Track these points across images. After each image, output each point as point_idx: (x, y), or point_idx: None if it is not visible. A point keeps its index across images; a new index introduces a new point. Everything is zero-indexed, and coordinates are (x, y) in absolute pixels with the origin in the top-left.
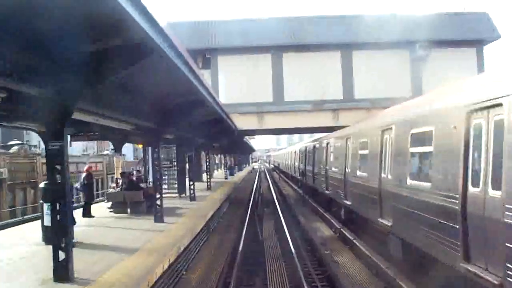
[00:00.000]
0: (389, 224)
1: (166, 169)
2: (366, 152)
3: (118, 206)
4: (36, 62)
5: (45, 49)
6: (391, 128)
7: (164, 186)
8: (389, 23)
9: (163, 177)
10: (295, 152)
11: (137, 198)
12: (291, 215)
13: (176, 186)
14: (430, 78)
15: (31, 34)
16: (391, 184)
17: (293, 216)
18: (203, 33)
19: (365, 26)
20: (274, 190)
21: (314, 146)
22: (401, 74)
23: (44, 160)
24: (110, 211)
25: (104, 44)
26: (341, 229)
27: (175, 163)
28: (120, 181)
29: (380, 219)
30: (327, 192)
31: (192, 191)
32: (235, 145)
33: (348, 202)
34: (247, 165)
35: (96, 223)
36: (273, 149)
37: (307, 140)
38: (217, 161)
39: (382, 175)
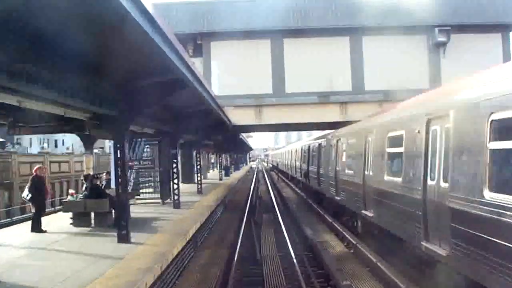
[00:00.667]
0: (444, 253)
1: (146, 170)
2: (399, 150)
3: (79, 218)
4: None
5: None
6: (444, 116)
7: (149, 190)
8: (404, 6)
9: (149, 179)
10: (295, 151)
11: (102, 208)
12: (293, 224)
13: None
14: (450, 67)
15: None
16: (454, 196)
17: (297, 225)
18: (194, 15)
19: (377, 8)
20: (273, 192)
21: (320, 144)
22: (418, 62)
23: (23, 159)
24: (71, 224)
25: None
26: (357, 245)
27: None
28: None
29: (426, 244)
30: (337, 198)
31: (176, 197)
32: (230, 143)
33: (369, 214)
34: (245, 164)
35: (43, 243)
36: (271, 148)
37: (308, 138)
38: (213, 161)
39: (431, 182)
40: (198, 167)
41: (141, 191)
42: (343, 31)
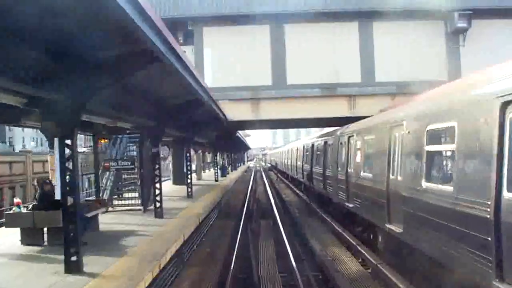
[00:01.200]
0: None
1: (126, 171)
2: (450, 147)
3: (29, 234)
4: None
5: None
6: None
7: (134, 195)
8: None
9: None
10: (297, 150)
11: (55, 222)
12: (296, 233)
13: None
14: (471, 56)
15: None
16: None
17: (300, 235)
18: None
19: None
20: (272, 194)
21: (326, 142)
22: (435, 51)
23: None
24: (20, 240)
25: None
26: (379, 266)
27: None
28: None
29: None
30: (348, 204)
31: (158, 204)
32: (227, 141)
33: (395, 228)
34: (242, 164)
35: None
36: (268, 148)
37: (309, 136)
38: (209, 160)
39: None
40: (188, 167)
41: (125, 195)
42: (352, 15)
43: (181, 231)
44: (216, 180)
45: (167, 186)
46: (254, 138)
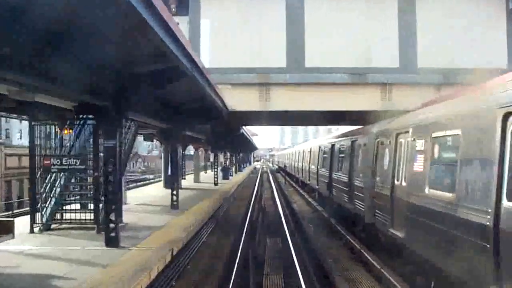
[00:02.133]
0: None
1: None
2: None
3: None
4: None
5: None
6: None
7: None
8: None
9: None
10: (310, 151)
11: None
12: (315, 264)
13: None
14: None
15: None
16: None
17: (320, 268)
18: None
19: None
20: (281, 203)
21: (354, 142)
22: (492, 33)
23: None
24: None
25: None
26: None
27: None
28: None
29: None
30: (396, 233)
31: (112, 225)
32: (229, 138)
33: None
34: (248, 164)
35: None
36: (276, 149)
37: (327, 136)
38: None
39: None
40: (174, 167)
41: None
42: None
43: (140, 273)
44: (216, 184)
45: (155, 190)
46: (261, 138)
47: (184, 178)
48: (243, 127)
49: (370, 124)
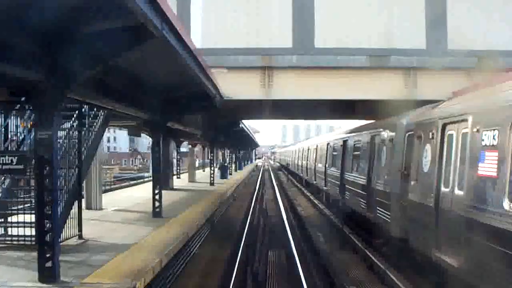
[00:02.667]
0: None
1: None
2: None
3: None
4: None
5: None
6: None
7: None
8: None
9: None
10: (316, 148)
11: None
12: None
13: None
14: None
15: None
16: None
17: None
18: None
19: None
20: (284, 205)
21: (374, 138)
22: None
23: None
24: None
25: None
26: None
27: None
28: None
29: None
30: (445, 258)
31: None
32: (226, 133)
33: None
34: (249, 162)
35: None
36: (278, 146)
37: (339, 130)
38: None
39: None
40: (155, 166)
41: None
42: None
43: None
44: (212, 184)
45: (144, 191)
46: (263, 135)
47: (179, 177)
48: (243, 121)
49: (390, 116)
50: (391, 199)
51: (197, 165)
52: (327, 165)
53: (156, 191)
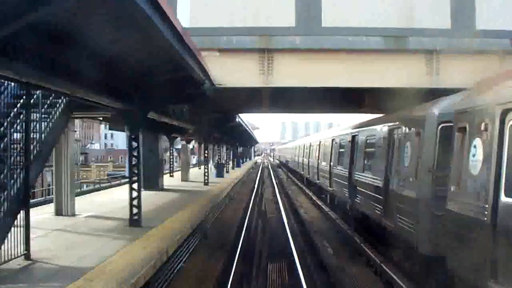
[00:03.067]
0: None
1: None
2: None
3: None
4: None
5: None
6: None
7: None
8: None
9: None
10: (319, 145)
11: None
12: None
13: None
14: None
15: None
16: None
17: None
18: None
19: None
20: (285, 208)
21: (393, 131)
22: None
23: None
24: None
25: None
26: None
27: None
28: None
29: None
30: None
31: None
32: (221, 128)
33: None
34: (248, 159)
35: None
36: (277, 143)
37: (343, 126)
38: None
39: None
40: (131, 165)
41: None
42: None
43: None
44: (206, 183)
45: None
46: (262, 132)
47: (172, 176)
48: (239, 116)
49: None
50: (419, 207)
51: (194, 162)
52: (332, 164)
53: (134, 196)
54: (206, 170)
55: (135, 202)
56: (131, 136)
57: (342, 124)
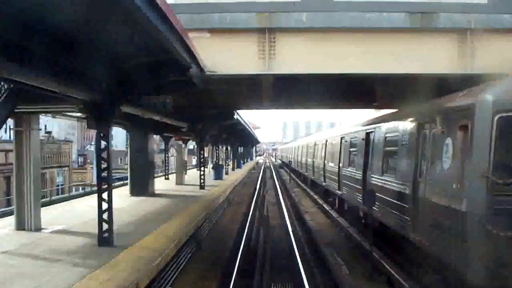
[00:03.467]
0: None
1: None
2: None
3: None
4: None
5: None
6: None
7: None
8: None
9: None
10: (325, 144)
11: None
12: None
13: None
14: None
15: None
16: None
17: None
18: None
19: None
20: (288, 212)
21: (423, 126)
22: None
23: None
24: None
25: None
26: None
27: None
28: None
29: None
30: None
31: None
32: (216, 124)
33: None
34: (249, 159)
35: None
36: (279, 143)
37: (345, 124)
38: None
39: None
40: (99, 168)
41: None
42: None
43: None
44: (202, 187)
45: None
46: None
47: (167, 178)
48: (238, 113)
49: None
50: (468, 223)
51: (194, 163)
52: (341, 165)
53: (104, 208)
54: (202, 173)
55: (105, 216)
56: (99, 134)
57: (343, 124)
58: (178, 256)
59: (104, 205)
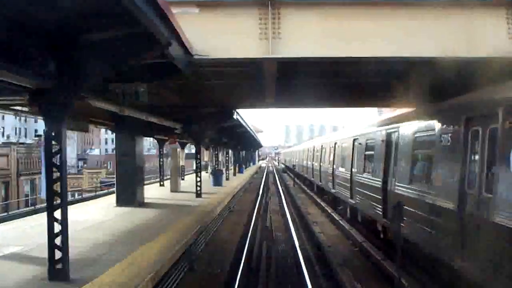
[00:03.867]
0: None
1: None
2: None
3: None
4: None
5: None
6: None
7: None
8: None
9: None
10: (334, 147)
11: None
12: None
13: None
14: None
15: None
16: None
17: None
18: None
19: None
20: (294, 223)
21: (471, 122)
22: None
23: None
24: None
25: None
26: None
27: None
28: None
29: None
30: None
31: None
32: (214, 126)
33: None
34: (252, 164)
35: None
36: (282, 147)
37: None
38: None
39: None
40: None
41: None
42: None
43: None
44: (199, 195)
45: (95, 211)
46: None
47: (163, 185)
48: (238, 112)
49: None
50: None
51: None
52: (354, 170)
53: (56, 232)
54: (198, 180)
55: (57, 241)
56: (49, 133)
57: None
58: (168, 277)
59: (57, 227)
